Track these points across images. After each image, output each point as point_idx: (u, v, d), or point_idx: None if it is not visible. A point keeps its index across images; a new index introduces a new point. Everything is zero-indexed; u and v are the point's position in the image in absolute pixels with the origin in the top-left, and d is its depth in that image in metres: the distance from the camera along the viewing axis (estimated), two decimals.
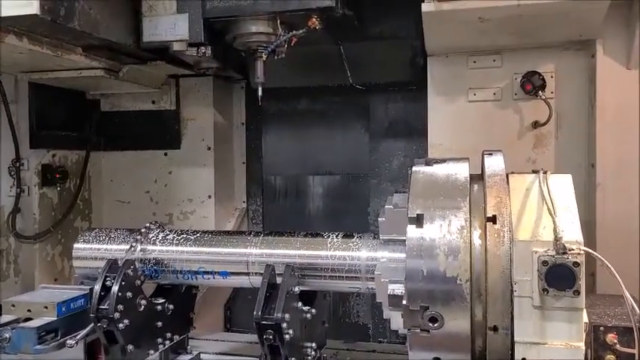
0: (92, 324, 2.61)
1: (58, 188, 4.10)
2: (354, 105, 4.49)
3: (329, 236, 2.76)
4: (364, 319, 4.52)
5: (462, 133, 3.58)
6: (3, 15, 2.56)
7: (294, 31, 3.22)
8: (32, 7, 2.55)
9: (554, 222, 2.09)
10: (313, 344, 2.76)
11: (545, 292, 2.05)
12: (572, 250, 2.03)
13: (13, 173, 3.91)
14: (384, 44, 4.04)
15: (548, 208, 2.15)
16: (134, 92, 4.34)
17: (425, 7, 2.94)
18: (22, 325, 2.61)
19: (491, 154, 2.44)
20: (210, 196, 4.40)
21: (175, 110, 4.45)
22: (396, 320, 2.35)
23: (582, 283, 2.03)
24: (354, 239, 2.71)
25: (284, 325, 2.47)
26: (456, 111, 3.62)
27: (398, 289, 2.29)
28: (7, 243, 3.96)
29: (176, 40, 3.34)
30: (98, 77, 3.66)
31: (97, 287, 2.60)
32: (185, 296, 3.07)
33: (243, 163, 4.73)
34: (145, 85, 4.14)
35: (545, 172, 2.32)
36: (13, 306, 2.71)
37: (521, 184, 2.31)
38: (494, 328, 2.11)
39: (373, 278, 2.51)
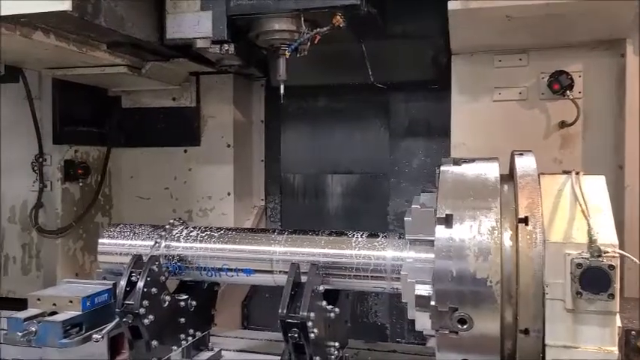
0: (117, 319, 2.62)
1: (80, 184, 4.14)
2: (374, 103, 4.46)
3: (354, 235, 2.74)
4: (382, 318, 4.50)
5: (486, 132, 3.53)
6: (35, 11, 2.58)
7: (317, 29, 3.20)
8: (64, 4, 2.56)
9: (588, 224, 2.06)
10: (336, 343, 2.74)
11: (579, 296, 2.01)
12: (608, 252, 1.99)
13: (35, 168, 3.95)
14: (407, 42, 4.01)
15: (582, 210, 2.12)
16: (155, 89, 4.35)
17: (451, 5, 2.89)
18: (47, 318, 2.63)
19: (522, 155, 2.41)
20: (229, 194, 4.40)
21: (195, 107, 4.46)
22: (422, 321, 2.32)
23: (617, 286, 2.00)
24: (379, 239, 2.69)
25: (309, 323, 2.46)
26: (480, 110, 3.57)
27: (425, 289, 2.27)
28: (29, 237, 4.00)
29: (199, 38, 3.34)
30: (121, 74, 3.67)
31: (123, 283, 2.60)
32: (207, 293, 3.07)
33: (262, 160, 4.73)
34: (166, 82, 4.16)
35: (577, 173, 2.29)
36: (39, 300, 2.72)
37: (552, 185, 2.28)
38: (526, 331, 2.09)
39: (399, 278, 2.49)
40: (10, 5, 2.58)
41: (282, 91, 3.47)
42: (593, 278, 1.99)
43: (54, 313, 2.66)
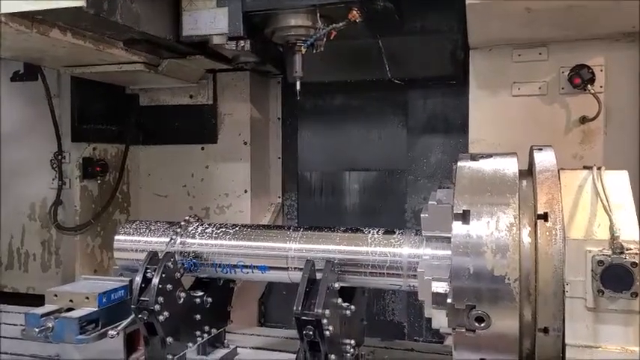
0: (133, 315, 2.62)
1: (99, 181, 4.18)
2: (391, 100, 4.43)
3: (369, 232, 2.70)
4: (399, 316, 4.46)
5: (505, 128, 3.46)
6: (52, 7, 2.59)
7: (334, 24, 3.17)
8: (79, 0, 2.57)
9: (610, 220, 2.00)
10: (352, 341, 2.70)
11: (600, 294, 1.95)
12: (630, 249, 1.93)
13: (54, 166, 3.99)
14: (424, 38, 3.95)
15: (604, 206, 2.06)
16: (172, 87, 4.37)
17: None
18: (64, 315, 2.64)
19: (541, 150, 2.34)
20: (246, 191, 4.41)
21: (212, 105, 4.48)
22: (438, 319, 2.27)
23: None
24: (395, 235, 2.64)
25: (324, 321, 2.42)
26: (499, 106, 3.50)
27: (442, 287, 2.21)
28: (49, 234, 4.05)
29: (216, 34, 3.33)
30: (138, 71, 3.69)
31: (138, 279, 2.60)
32: (223, 290, 3.06)
33: (279, 158, 4.73)
34: (182, 80, 4.16)
35: (599, 169, 2.22)
36: (56, 296, 2.74)
37: (573, 181, 2.21)
38: (545, 330, 2.03)
39: (415, 275, 2.44)
40: (25, 2, 2.60)
41: (298, 87, 3.46)
42: (615, 276, 1.93)
43: (70, 309, 2.68)
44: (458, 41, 3.83)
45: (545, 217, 2.07)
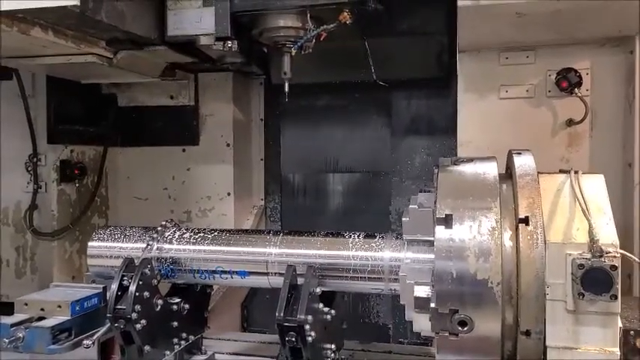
0: (108, 324, 2.54)
1: (77, 184, 4.06)
2: (375, 101, 4.38)
3: (350, 236, 2.66)
4: (384, 319, 4.42)
5: (492, 131, 3.45)
6: (44, 6, 2.49)
7: (324, 26, 3.09)
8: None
9: (589, 224, 2.00)
10: (333, 346, 2.66)
11: (581, 297, 1.96)
12: (609, 252, 1.93)
13: (29, 169, 3.87)
14: (411, 40, 3.93)
15: (582, 209, 2.06)
16: (151, 88, 4.27)
17: (461, 2, 2.78)
18: (35, 324, 2.55)
19: (520, 154, 2.36)
20: (229, 194, 4.33)
21: (194, 106, 4.38)
22: (420, 322, 2.26)
23: (619, 287, 1.94)
24: (376, 239, 2.61)
25: (307, 327, 2.39)
26: (486, 108, 3.49)
27: (424, 291, 2.20)
28: (23, 240, 3.93)
29: (202, 35, 3.23)
30: (89, 63, 3.38)
31: (114, 287, 2.52)
32: (200, 295, 2.99)
33: (262, 159, 4.65)
34: (142, 74, 3.86)
35: (576, 172, 2.23)
36: (26, 304, 2.65)
37: (551, 185, 2.22)
38: (527, 333, 2.03)
39: (396, 279, 2.43)
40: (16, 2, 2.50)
41: (286, 89, 3.38)
42: (595, 279, 1.94)
43: (42, 318, 2.59)
44: (444, 44, 3.80)
45: (526, 221, 2.07)
